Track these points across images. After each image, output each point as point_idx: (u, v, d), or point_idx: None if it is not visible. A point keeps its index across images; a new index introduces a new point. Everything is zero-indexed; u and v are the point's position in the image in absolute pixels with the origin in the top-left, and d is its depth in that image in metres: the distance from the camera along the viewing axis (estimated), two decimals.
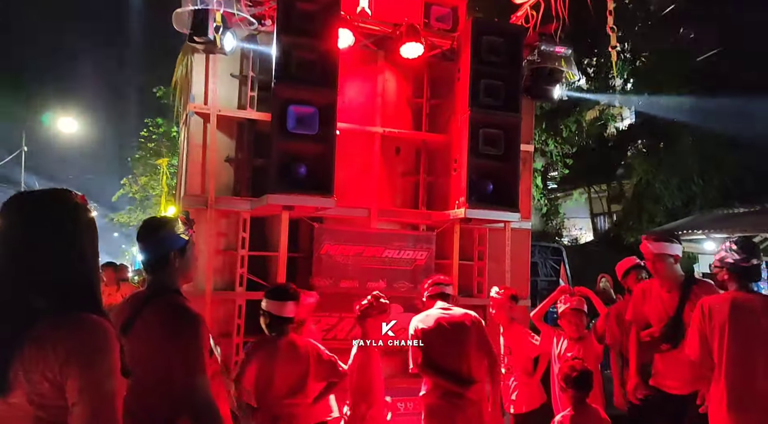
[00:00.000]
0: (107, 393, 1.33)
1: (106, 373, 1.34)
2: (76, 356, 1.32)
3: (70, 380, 1.31)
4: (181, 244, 2.27)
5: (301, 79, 4.67)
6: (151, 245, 2.27)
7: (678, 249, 3.93)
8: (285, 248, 4.97)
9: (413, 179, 5.97)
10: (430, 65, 5.87)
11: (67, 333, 1.34)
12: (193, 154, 5.08)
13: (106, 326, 1.38)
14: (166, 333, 2.11)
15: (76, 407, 1.31)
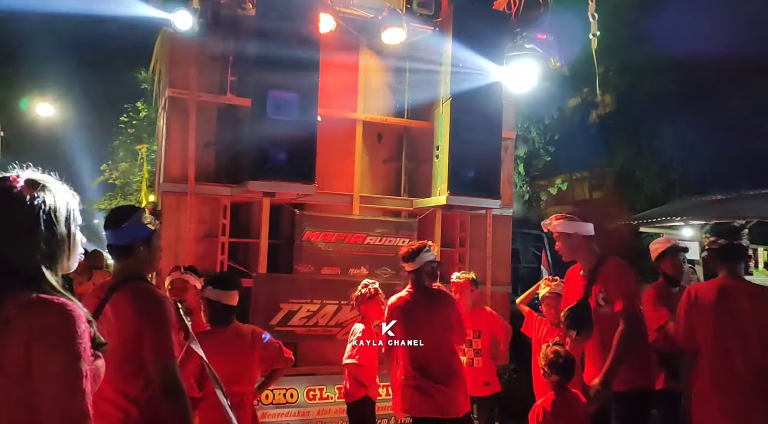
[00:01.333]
0: (74, 376, 1.32)
1: (74, 355, 1.33)
2: (42, 338, 1.31)
3: (36, 363, 1.30)
4: (146, 234, 2.32)
5: (281, 64, 4.62)
6: (118, 233, 2.30)
7: (582, 227, 3.62)
8: (266, 235, 4.95)
9: (395, 166, 5.97)
10: (411, 51, 5.84)
11: (33, 316, 1.33)
12: (172, 140, 5.02)
13: (70, 307, 1.37)
14: (136, 317, 2.16)
15: (43, 390, 1.30)
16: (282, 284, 5.11)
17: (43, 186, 1.47)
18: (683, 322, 3.42)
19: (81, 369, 1.33)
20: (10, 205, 1.42)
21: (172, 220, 4.89)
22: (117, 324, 2.17)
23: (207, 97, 5.07)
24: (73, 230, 1.52)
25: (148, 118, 19.11)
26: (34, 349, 1.30)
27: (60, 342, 1.32)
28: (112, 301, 2.20)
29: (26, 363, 1.30)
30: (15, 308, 1.33)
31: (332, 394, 5.15)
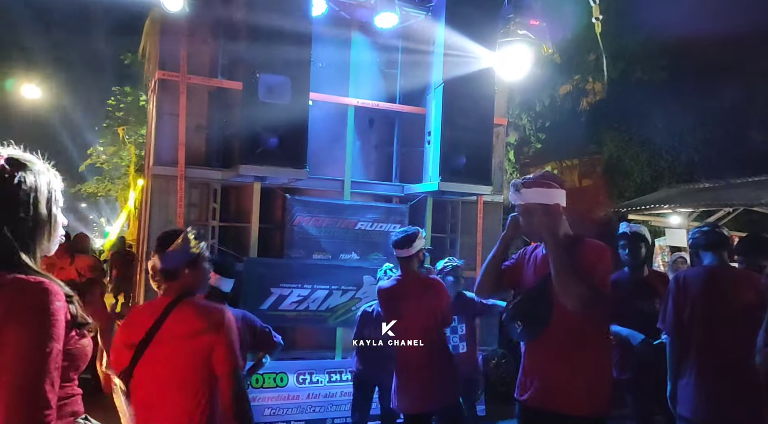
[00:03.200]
0: (38, 354, 1.30)
1: (43, 333, 1.31)
2: (15, 316, 1.29)
3: (4, 340, 1.28)
4: (190, 258, 2.36)
5: (273, 47, 4.58)
6: (164, 259, 2.35)
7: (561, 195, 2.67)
8: (257, 219, 4.94)
9: (387, 151, 5.96)
10: (404, 36, 5.81)
11: (8, 296, 1.31)
12: (162, 123, 4.98)
13: (46, 285, 1.35)
14: (205, 331, 2.22)
15: (3, 364, 1.28)
16: (273, 269, 5.11)
17: (24, 165, 1.44)
18: (670, 308, 3.46)
19: (47, 349, 1.31)
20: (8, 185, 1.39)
21: (162, 203, 4.87)
22: (183, 341, 2.22)
23: (197, 79, 5.02)
24: (54, 211, 1.50)
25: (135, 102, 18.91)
26: (6, 327, 1.28)
27: (31, 319, 1.30)
28: (173, 317, 2.26)
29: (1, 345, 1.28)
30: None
31: (322, 378, 5.18)
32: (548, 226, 2.59)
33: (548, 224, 2.59)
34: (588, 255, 2.56)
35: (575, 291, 2.44)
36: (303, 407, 5.09)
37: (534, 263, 2.75)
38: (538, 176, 2.73)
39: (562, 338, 2.58)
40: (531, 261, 2.79)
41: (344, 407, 5.11)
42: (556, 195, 2.67)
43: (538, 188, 2.66)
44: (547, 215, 2.61)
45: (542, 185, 2.67)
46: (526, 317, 2.69)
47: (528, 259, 2.81)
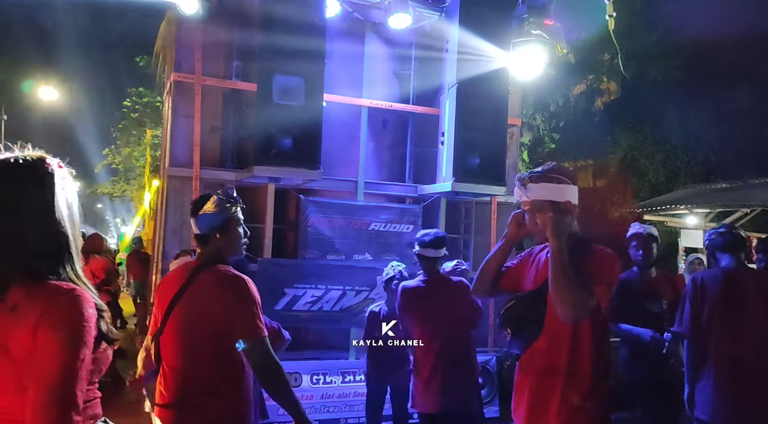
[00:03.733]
0: (71, 359, 1.31)
1: (75, 339, 1.32)
2: (48, 322, 1.30)
3: (38, 344, 1.29)
4: (219, 222, 2.31)
5: (287, 49, 4.59)
6: (196, 223, 2.34)
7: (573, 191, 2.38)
8: (271, 220, 4.97)
9: (400, 152, 5.96)
10: (417, 36, 5.81)
11: (42, 302, 1.32)
12: (177, 125, 5.02)
13: (78, 292, 1.36)
14: (223, 297, 2.20)
15: (36, 367, 1.29)
16: (287, 269, 5.13)
17: (63, 171, 1.47)
18: (688, 310, 3.43)
19: (80, 355, 1.32)
20: (43, 190, 1.41)
21: (178, 204, 4.91)
22: (204, 306, 2.21)
23: (212, 81, 5.05)
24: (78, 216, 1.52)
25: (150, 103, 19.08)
26: (39, 333, 1.29)
27: (65, 326, 1.31)
28: (196, 283, 2.24)
29: (32, 349, 1.29)
30: (25, 293, 1.32)
31: (336, 379, 5.20)
32: (555, 226, 2.27)
33: (556, 224, 2.28)
34: (594, 263, 2.28)
35: (569, 299, 2.16)
36: (317, 406, 5.11)
37: (536, 266, 2.46)
38: (546, 169, 2.39)
39: (553, 353, 2.28)
40: (534, 263, 2.49)
41: (357, 407, 5.12)
42: (566, 191, 2.35)
43: (546, 184, 2.35)
44: (558, 212, 2.30)
45: (551, 180, 2.35)
46: (516, 325, 2.42)
47: (532, 261, 2.52)
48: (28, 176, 1.40)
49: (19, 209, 1.38)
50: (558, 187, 2.35)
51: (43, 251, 1.39)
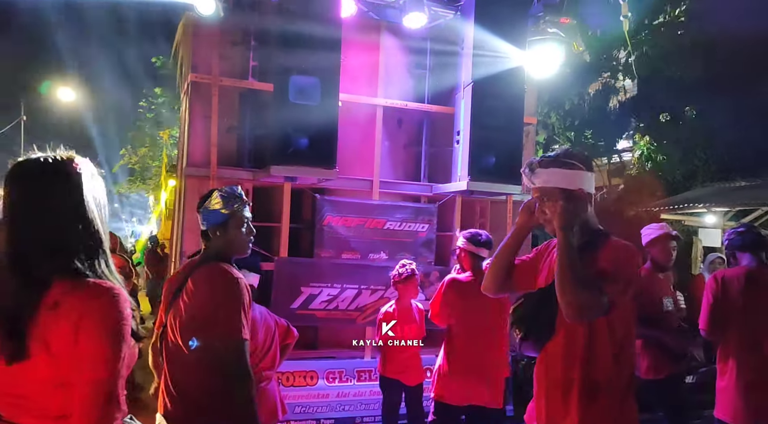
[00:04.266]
0: (114, 357, 1.35)
1: (118, 337, 1.36)
2: (90, 319, 1.33)
3: (81, 342, 1.33)
4: (219, 219, 2.29)
5: (303, 49, 4.62)
6: (200, 218, 2.34)
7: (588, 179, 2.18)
8: (287, 219, 4.99)
9: (415, 151, 5.96)
10: (432, 35, 5.80)
11: (83, 299, 1.35)
12: (194, 125, 5.06)
13: (117, 291, 1.40)
14: (209, 294, 2.19)
15: (82, 366, 1.32)
16: (303, 268, 5.16)
17: (92, 169, 1.51)
18: (710, 308, 3.41)
19: (121, 352, 1.36)
20: (74, 189, 1.44)
21: (195, 204, 4.94)
22: (193, 301, 2.23)
23: (229, 81, 5.09)
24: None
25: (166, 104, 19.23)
26: (82, 330, 1.32)
27: (107, 323, 1.35)
28: (192, 277, 2.27)
29: (73, 345, 1.32)
30: (65, 291, 1.35)
31: (351, 377, 5.22)
32: (563, 216, 2.06)
33: (563, 214, 2.07)
34: (609, 257, 2.07)
35: (575, 299, 1.96)
36: (332, 405, 5.14)
37: (549, 261, 2.25)
38: (559, 154, 2.19)
39: (567, 362, 2.08)
40: (547, 258, 2.28)
41: (372, 406, 5.14)
42: (580, 178, 2.13)
43: (558, 169, 2.13)
44: (569, 202, 2.09)
45: (563, 165, 2.13)
46: (525, 327, 2.21)
47: (546, 255, 2.31)
48: (57, 177, 1.43)
49: (51, 209, 1.41)
50: (570, 173, 2.13)
51: (79, 249, 1.41)
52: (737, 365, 3.29)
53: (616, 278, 2.01)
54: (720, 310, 3.37)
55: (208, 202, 2.31)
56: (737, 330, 3.32)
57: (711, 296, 3.42)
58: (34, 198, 1.41)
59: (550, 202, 2.12)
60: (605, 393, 2.02)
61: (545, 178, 2.14)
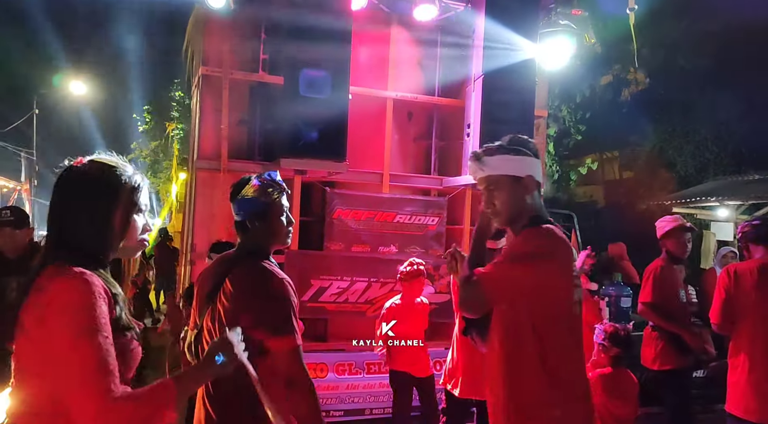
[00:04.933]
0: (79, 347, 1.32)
1: (85, 327, 1.33)
2: (53, 306, 1.35)
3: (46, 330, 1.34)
4: (258, 208, 2.10)
5: (313, 42, 4.62)
6: (234, 209, 2.16)
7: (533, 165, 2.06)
8: (298, 212, 5.01)
9: (425, 144, 5.95)
10: (443, 28, 5.78)
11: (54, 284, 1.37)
12: (205, 118, 5.08)
13: (87, 279, 1.38)
14: (252, 296, 2.00)
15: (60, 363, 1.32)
16: (313, 261, 5.18)
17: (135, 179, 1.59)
18: (722, 302, 3.40)
19: (88, 339, 1.32)
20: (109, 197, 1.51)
21: (206, 196, 4.99)
22: (234, 305, 2.02)
23: (240, 75, 5.10)
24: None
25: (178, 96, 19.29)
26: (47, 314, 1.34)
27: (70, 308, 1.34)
28: (231, 276, 2.06)
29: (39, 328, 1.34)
30: (50, 276, 1.39)
31: (361, 370, 5.24)
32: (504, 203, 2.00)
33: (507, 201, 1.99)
34: (513, 242, 2.00)
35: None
36: (342, 397, 5.16)
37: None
38: (505, 141, 2.09)
39: (498, 351, 1.98)
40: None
41: (382, 398, 5.16)
42: (528, 164, 2.04)
43: (505, 155, 2.03)
44: (518, 189, 2.00)
45: (510, 152, 2.03)
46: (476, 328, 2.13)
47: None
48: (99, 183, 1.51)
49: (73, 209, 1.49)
50: (518, 159, 2.03)
51: (87, 247, 1.47)
52: (749, 359, 3.27)
53: (502, 260, 1.94)
54: (732, 304, 3.36)
55: (245, 190, 2.10)
56: (750, 324, 3.31)
57: (723, 290, 3.40)
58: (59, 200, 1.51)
59: (499, 191, 2.03)
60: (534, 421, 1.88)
61: (493, 165, 2.04)
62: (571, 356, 1.92)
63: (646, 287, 4.00)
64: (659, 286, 3.93)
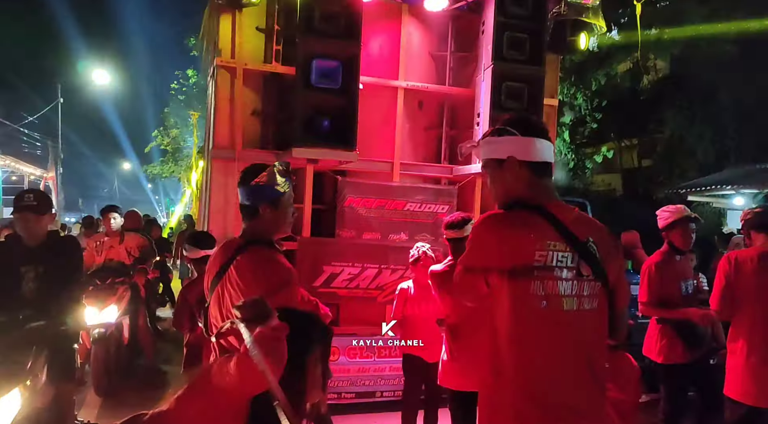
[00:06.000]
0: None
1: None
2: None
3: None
4: (273, 196, 2.16)
5: (324, 32, 4.69)
6: (244, 193, 2.19)
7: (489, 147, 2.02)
8: (310, 200, 5.13)
9: (436, 133, 6.01)
10: (454, 18, 5.82)
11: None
12: (220, 108, 5.21)
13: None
14: (256, 284, 2.02)
15: None
16: (325, 248, 5.30)
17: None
18: (722, 288, 3.43)
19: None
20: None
21: (221, 184, 5.13)
22: (240, 288, 2.06)
23: (253, 65, 5.21)
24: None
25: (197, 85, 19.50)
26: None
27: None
28: (236, 263, 2.10)
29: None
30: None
31: (372, 353, 5.37)
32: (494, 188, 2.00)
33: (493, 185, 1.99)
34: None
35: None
36: (353, 380, 5.31)
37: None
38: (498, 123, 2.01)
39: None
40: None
41: (393, 381, 5.29)
42: (510, 143, 1.94)
43: (489, 138, 1.99)
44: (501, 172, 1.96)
45: (495, 133, 1.97)
46: None
47: None
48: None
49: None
50: (499, 141, 1.96)
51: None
52: (748, 344, 3.31)
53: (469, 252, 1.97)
54: (732, 290, 3.39)
55: (260, 176, 2.14)
56: (750, 311, 3.34)
57: (723, 276, 3.43)
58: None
59: (487, 176, 2.04)
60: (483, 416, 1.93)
61: (484, 150, 2.04)
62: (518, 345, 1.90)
63: (642, 286, 3.98)
64: (655, 282, 3.89)
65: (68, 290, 3.81)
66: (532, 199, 1.92)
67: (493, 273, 1.86)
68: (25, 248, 3.69)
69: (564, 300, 1.82)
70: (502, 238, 1.86)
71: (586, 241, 1.87)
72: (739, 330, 3.38)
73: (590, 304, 1.86)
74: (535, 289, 1.80)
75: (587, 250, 1.86)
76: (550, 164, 2.01)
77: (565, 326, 1.83)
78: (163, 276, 9.58)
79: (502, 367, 1.86)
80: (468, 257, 1.95)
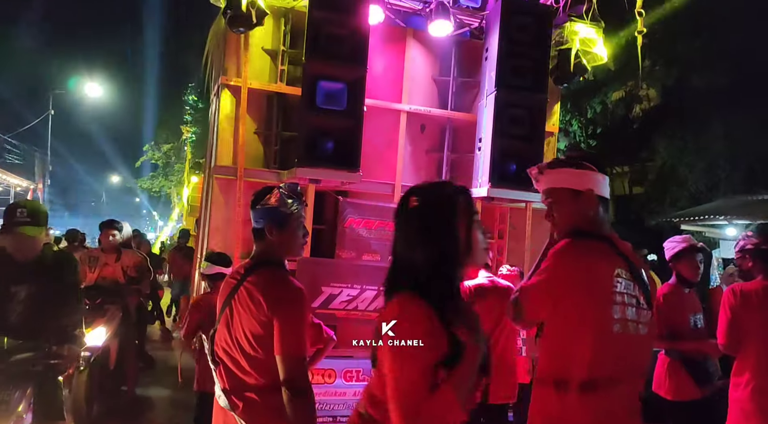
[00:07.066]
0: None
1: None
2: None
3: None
4: (279, 217, 2.18)
5: (331, 54, 4.72)
6: (253, 216, 2.23)
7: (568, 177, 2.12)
8: (310, 220, 5.10)
9: (437, 156, 6.04)
10: (457, 44, 5.89)
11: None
12: (223, 127, 5.20)
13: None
14: (266, 305, 2.07)
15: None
16: (324, 268, 5.26)
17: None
18: (728, 322, 3.40)
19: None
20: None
21: (223, 203, 5.10)
22: (248, 312, 2.11)
23: (258, 85, 5.22)
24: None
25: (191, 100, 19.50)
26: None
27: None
28: (246, 284, 2.15)
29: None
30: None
31: (368, 376, 5.30)
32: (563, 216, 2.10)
33: (567, 213, 2.08)
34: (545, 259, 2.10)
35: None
36: (349, 403, 5.22)
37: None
38: (569, 155, 2.16)
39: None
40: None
41: None
42: (589, 178, 2.05)
43: (567, 169, 2.09)
44: (576, 202, 2.06)
45: (572, 165, 2.08)
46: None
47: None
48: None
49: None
50: (579, 173, 2.07)
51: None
52: (754, 378, 3.28)
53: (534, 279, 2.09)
54: (738, 324, 3.37)
55: (267, 199, 2.18)
56: (756, 344, 3.31)
57: (729, 309, 3.39)
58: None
59: (558, 204, 2.14)
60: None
61: (554, 178, 2.15)
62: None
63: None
64: (664, 314, 3.80)
65: (64, 315, 3.33)
66: (599, 230, 2.07)
67: (567, 298, 1.96)
68: (15, 265, 3.20)
69: (630, 324, 1.97)
70: (587, 265, 1.98)
71: (640, 271, 2.04)
72: (745, 364, 3.35)
73: (644, 329, 2.00)
74: (613, 313, 1.94)
75: (642, 279, 2.02)
76: (609, 201, 2.17)
77: (633, 347, 1.98)
78: (152, 293, 9.37)
79: (568, 386, 1.96)
80: (548, 281, 2.03)
